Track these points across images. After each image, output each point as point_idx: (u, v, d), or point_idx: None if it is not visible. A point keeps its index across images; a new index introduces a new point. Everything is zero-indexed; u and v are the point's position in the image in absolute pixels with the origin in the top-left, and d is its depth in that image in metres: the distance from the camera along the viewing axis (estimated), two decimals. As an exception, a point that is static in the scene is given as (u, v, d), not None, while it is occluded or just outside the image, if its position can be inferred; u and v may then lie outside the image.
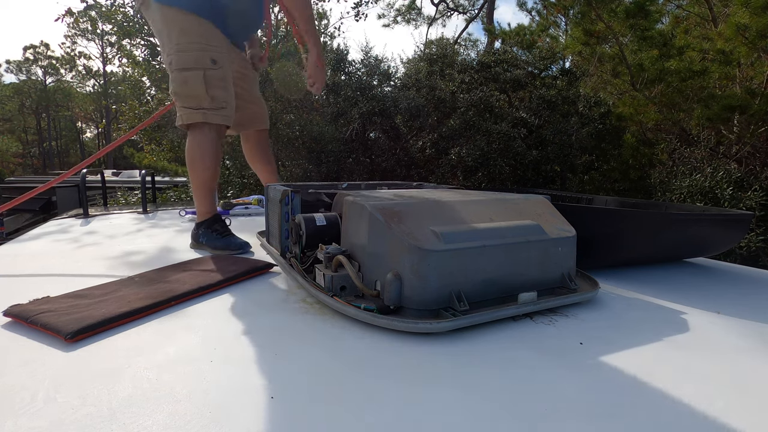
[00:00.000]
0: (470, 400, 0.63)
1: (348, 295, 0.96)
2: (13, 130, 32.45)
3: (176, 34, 1.52)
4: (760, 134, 4.86)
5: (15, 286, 1.16)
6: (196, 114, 1.53)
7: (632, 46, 5.59)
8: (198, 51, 1.51)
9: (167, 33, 1.54)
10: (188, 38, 1.51)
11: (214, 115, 1.54)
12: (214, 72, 1.53)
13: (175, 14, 1.51)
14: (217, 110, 1.55)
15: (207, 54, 1.52)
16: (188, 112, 1.54)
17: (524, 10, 14.86)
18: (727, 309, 1.04)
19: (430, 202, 1.02)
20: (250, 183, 5.44)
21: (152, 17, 1.58)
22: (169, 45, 1.53)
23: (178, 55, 1.51)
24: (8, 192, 7.02)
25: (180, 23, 1.51)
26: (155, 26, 1.59)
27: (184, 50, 1.51)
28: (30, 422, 0.57)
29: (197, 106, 1.53)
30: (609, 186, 6.00)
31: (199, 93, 1.51)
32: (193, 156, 1.57)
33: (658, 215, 1.29)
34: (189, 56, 1.51)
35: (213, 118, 1.54)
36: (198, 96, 1.52)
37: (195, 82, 1.50)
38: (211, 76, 1.52)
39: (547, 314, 0.96)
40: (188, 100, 1.53)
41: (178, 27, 1.51)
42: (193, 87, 1.51)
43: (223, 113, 1.57)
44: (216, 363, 0.73)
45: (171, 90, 1.57)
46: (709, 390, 0.67)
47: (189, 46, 1.51)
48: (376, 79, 5.63)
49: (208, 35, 1.53)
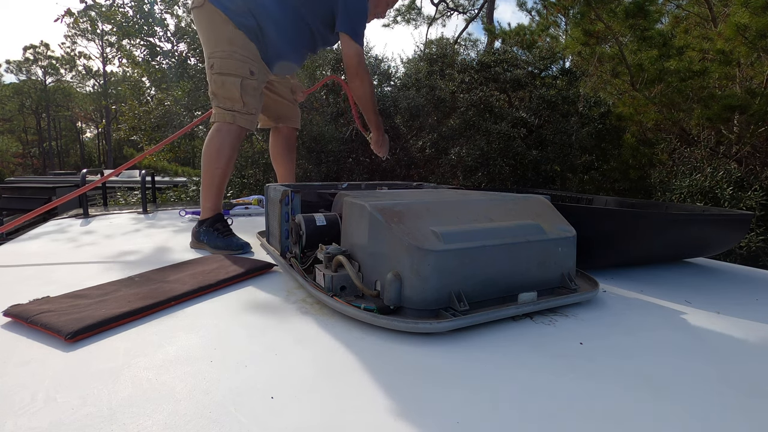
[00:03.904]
0: (470, 400, 0.63)
1: (348, 295, 0.96)
2: (13, 130, 32.44)
3: (224, 42, 1.64)
4: (760, 134, 4.86)
5: (15, 286, 1.16)
6: (227, 114, 1.64)
7: (632, 46, 5.59)
8: (240, 61, 1.64)
9: (215, 38, 1.65)
10: (232, 48, 1.63)
11: (242, 118, 1.65)
12: (251, 82, 1.66)
13: (226, 24, 1.63)
14: (247, 115, 1.66)
15: (247, 66, 1.65)
16: (221, 112, 1.65)
17: (524, 10, 14.85)
18: (727, 309, 1.04)
19: (430, 202, 1.01)
20: (250, 183, 5.44)
21: (203, 18, 1.67)
22: (213, 48, 1.65)
23: (221, 60, 1.64)
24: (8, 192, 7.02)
25: (229, 33, 1.64)
26: (202, 25, 1.69)
27: (227, 57, 1.63)
28: (30, 422, 0.57)
29: (230, 107, 1.64)
30: (609, 186, 5.99)
31: (235, 96, 1.63)
32: (211, 152, 1.64)
33: (658, 215, 1.29)
34: (231, 63, 1.63)
35: (241, 120, 1.65)
36: (233, 99, 1.64)
37: (232, 86, 1.63)
38: (248, 84, 1.65)
39: (547, 314, 0.96)
40: (224, 101, 1.65)
41: (227, 36, 1.64)
42: (230, 90, 1.63)
43: (251, 119, 1.69)
44: (216, 363, 0.73)
45: (210, 90, 1.69)
46: (709, 390, 0.67)
47: (232, 55, 1.63)
48: (376, 79, 5.63)
49: (250, 52, 1.67)
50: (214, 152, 1.64)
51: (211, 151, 1.64)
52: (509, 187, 5.19)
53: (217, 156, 1.63)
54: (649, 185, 5.19)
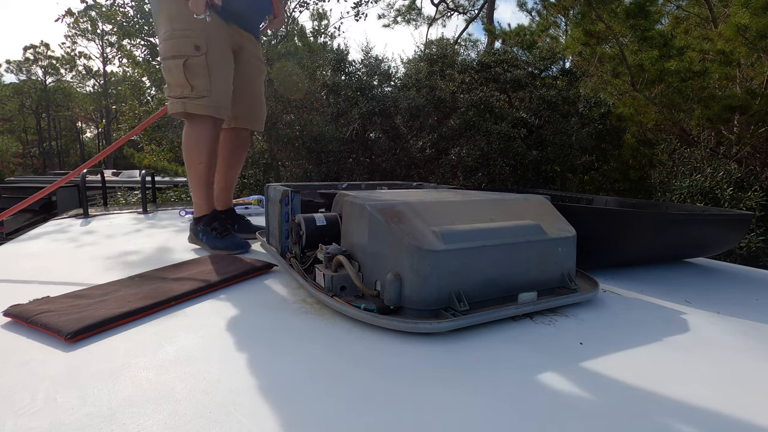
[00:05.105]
0: (470, 400, 0.63)
1: (348, 295, 0.96)
2: (13, 130, 32.43)
3: (164, 22, 1.47)
4: (760, 134, 4.86)
5: (15, 286, 1.16)
6: (177, 103, 1.49)
7: (632, 46, 5.59)
8: (180, 38, 1.45)
9: (159, 21, 1.50)
10: (173, 25, 1.46)
11: (194, 104, 1.48)
12: (197, 59, 1.45)
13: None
14: (198, 99, 1.47)
15: (190, 41, 1.44)
16: (171, 102, 1.51)
17: (524, 10, 14.86)
18: (727, 309, 1.04)
19: (430, 202, 1.02)
20: (250, 183, 5.44)
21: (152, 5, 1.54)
22: (160, 35, 1.50)
23: (163, 44, 1.48)
24: (8, 192, 7.02)
25: (168, 8, 1.46)
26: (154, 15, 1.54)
27: (168, 38, 1.47)
28: (30, 422, 0.57)
29: (179, 95, 1.48)
30: (609, 186, 5.99)
31: (181, 82, 1.46)
32: (189, 148, 1.55)
33: (658, 215, 1.29)
34: (172, 44, 1.46)
35: (193, 106, 1.48)
36: (180, 85, 1.47)
37: (176, 70, 1.46)
38: (193, 64, 1.45)
39: (547, 314, 0.96)
40: (172, 90, 1.50)
41: (166, 13, 1.47)
42: (176, 76, 1.46)
43: (206, 102, 1.48)
44: (216, 363, 0.73)
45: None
46: (709, 390, 0.67)
47: (173, 34, 1.46)
48: (376, 79, 5.62)
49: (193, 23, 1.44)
50: (193, 147, 1.54)
51: (189, 146, 1.55)
52: (509, 187, 5.19)
53: (197, 150, 1.53)
54: (649, 185, 5.19)
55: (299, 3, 9.91)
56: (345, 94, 5.27)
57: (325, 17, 11.79)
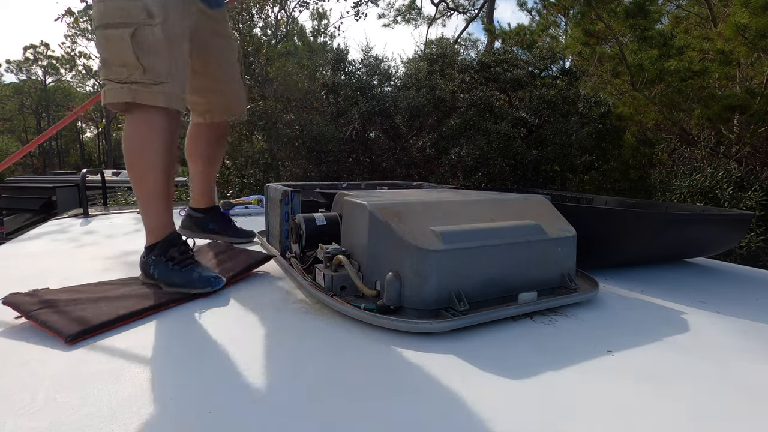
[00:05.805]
0: (470, 400, 0.63)
1: (348, 295, 0.96)
2: (13, 129, 32.44)
3: None
4: (760, 134, 4.86)
5: (15, 286, 1.16)
6: (121, 90, 1.06)
7: (632, 46, 5.59)
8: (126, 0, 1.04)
9: None
10: None
11: (147, 92, 1.06)
12: (151, 29, 1.05)
13: None
14: (153, 86, 1.07)
15: (139, 3, 1.04)
16: (111, 88, 1.07)
17: (524, 9, 14.88)
18: (727, 309, 1.04)
19: (430, 202, 1.02)
20: (250, 183, 5.44)
21: None
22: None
23: (98, 5, 1.05)
24: (8, 192, 7.03)
25: None
26: None
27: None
28: (30, 422, 0.57)
29: (124, 78, 1.05)
30: (609, 186, 6.00)
31: (126, 60, 1.04)
32: (138, 151, 1.11)
33: (658, 215, 1.29)
34: (113, 6, 1.04)
35: (145, 96, 1.06)
36: (125, 64, 1.05)
37: (119, 44, 1.04)
38: (145, 35, 1.04)
39: (547, 314, 0.96)
40: (111, 70, 1.07)
41: None
42: (118, 52, 1.04)
43: (162, 90, 1.08)
44: (216, 363, 0.73)
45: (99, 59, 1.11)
46: (709, 390, 0.67)
47: None
48: (376, 79, 5.63)
49: None
50: (145, 149, 1.10)
51: (139, 148, 1.11)
52: (509, 187, 5.20)
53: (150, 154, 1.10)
54: (649, 185, 5.19)
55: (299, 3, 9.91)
56: (345, 94, 5.27)
57: (325, 17, 11.81)
